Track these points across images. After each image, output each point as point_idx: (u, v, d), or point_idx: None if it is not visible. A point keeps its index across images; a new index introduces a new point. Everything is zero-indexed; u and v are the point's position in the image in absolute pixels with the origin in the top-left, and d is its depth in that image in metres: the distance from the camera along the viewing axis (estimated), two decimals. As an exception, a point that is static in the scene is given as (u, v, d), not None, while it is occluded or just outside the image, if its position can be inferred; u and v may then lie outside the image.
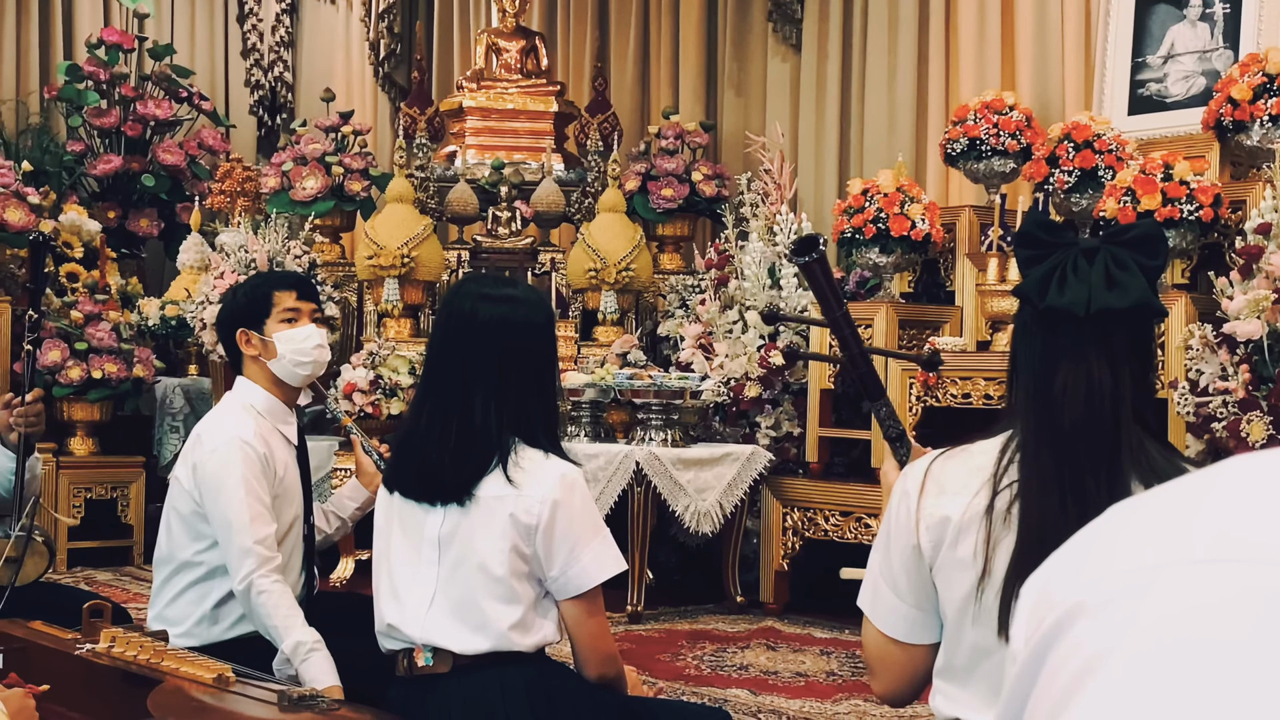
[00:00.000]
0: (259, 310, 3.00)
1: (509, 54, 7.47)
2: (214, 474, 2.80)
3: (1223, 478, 0.55)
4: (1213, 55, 5.46)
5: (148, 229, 7.71)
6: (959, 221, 5.67)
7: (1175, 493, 0.56)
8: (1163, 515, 0.55)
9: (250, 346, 2.99)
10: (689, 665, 4.45)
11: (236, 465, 2.79)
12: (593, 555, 2.34)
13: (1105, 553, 0.55)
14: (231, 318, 3.02)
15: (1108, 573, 0.53)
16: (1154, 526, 0.55)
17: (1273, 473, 0.54)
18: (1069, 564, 0.57)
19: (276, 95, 9.03)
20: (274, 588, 2.73)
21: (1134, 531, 0.55)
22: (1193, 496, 0.55)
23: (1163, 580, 0.51)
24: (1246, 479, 0.54)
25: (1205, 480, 0.56)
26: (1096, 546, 0.56)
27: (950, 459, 1.71)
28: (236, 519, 2.76)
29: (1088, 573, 0.54)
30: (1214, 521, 0.52)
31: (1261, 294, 4.19)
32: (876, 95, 6.87)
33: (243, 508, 2.77)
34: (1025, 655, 0.56)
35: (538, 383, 2.40)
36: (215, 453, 2.81)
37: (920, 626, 1.74)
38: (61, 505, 6.10)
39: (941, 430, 5.01)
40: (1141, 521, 0.55)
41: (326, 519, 3.23)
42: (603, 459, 5.15)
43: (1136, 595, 0.51)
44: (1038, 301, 1.64)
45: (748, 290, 5.85)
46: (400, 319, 6.37)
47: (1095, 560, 0.55)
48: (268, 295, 3.02)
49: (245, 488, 2.78)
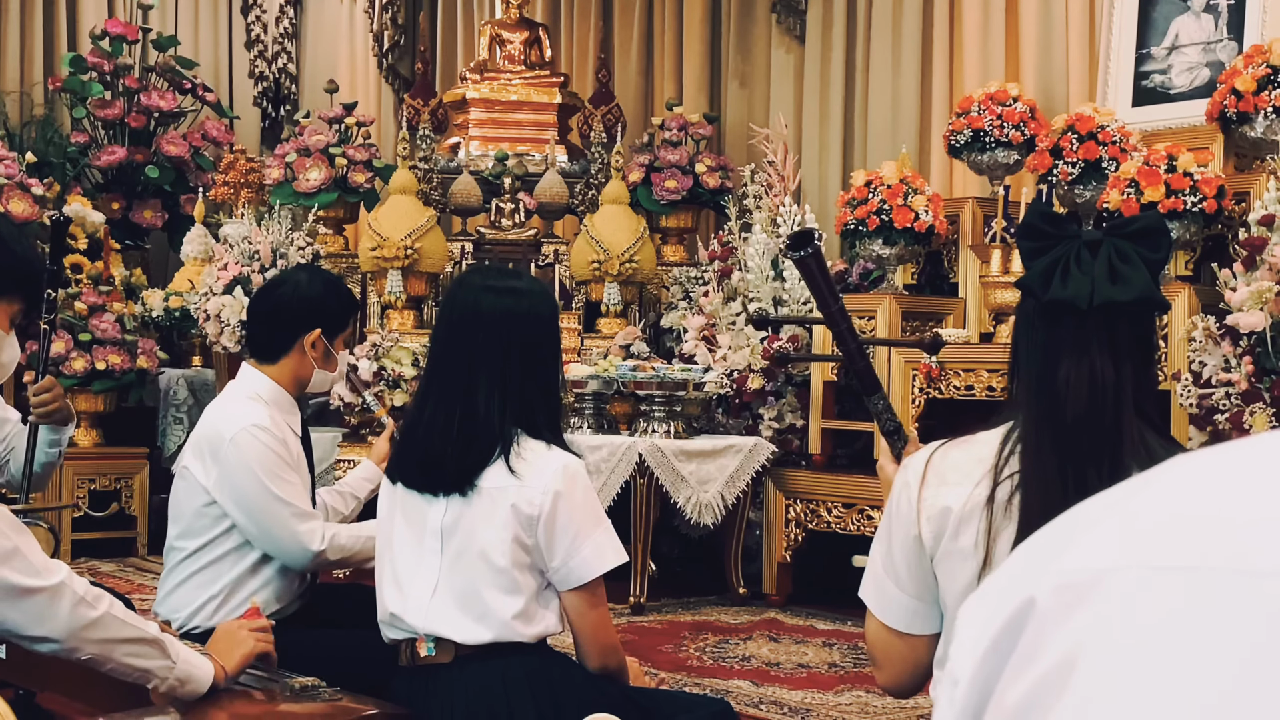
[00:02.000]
0: (341, 324, 3.02)
1: (513, 45, 7.46)
2: (239, 464, 2.80)
3: (1169, 476, 0.53)
4: (1217, 47, 5.45)
5: (151, 220, 7.71)
6: (962, 213, 5.67)
7: (1121, 494, 0.54)
8: (1111, 516, 0.53)
9: (315, 350, 2.96)
10: (691, 656, 4.46)
11: (261, 451, 2.81)
12: (594, 546, 2.34)
13: (1057, 550, 0.52)
14: (315, 314, 2.96)
15: (1061, 570, 0.51)
16: (1103, 528, 0.52)
17: (1219, 470, 0.52)
18: (1023, 565, 0.54)
19: (280, 87, 9.02)
20: (334, 538, 2.85)
21: (1088, 530, 0.53)
22: (1139, 496, 0.53)
23: (1119, 584, 0.48)
24: (1195, 477, 0.52)
25: (1148, 480, 0.54)
26: (1050, 545, 0.54)
27: (951, 450, 1.72)
28: (280, 502, 2.81)
29: (1041, 573, 0.52)
30: (1165, 523, 0.50)
31: (1265, 286, 4.18)
32: (880, 87, 6.87)
33: (282, 490, 2.81)
34: (972, 669, 0.53)
35: (541, 374, 2.41)
36: (236, 442, 2.81)
37: (921, 617, 1.74)
38: (65, 496, 6.11)
39: (944, 422, 5.01)
40: (1093, 520, 0.53)
41: (343, 499, 3.25)
42: (605, 450, 5.16)
43: (1096, 599, 0.49)
44: (1040, 294, 1.64)
45: (751, 282, 5.85)
46: (404, 310, 6.38)
47: (1046, 558, 0.53)
48: (351, 315, 3.06)
49: (276, 471, 2.81)
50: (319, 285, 3.01)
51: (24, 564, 1.95)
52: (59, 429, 3.14)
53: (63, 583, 1.99)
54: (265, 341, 2.99)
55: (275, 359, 2.97)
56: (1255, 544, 0.47)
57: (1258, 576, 0.46)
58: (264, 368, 2.97)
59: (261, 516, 2.81)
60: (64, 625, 1.98)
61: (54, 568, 2.00)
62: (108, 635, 2.03)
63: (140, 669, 2.08)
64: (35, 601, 1.96)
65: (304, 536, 2.83)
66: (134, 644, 2.06)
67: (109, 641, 2.03)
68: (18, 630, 1.98)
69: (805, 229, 2.02)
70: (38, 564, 1.98)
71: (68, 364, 6.10)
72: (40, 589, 1.96)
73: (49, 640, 1.99)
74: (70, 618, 1.98)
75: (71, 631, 1.99)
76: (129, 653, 2.06)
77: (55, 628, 1.98)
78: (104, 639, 2.02)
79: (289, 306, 2.97)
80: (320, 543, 2.84)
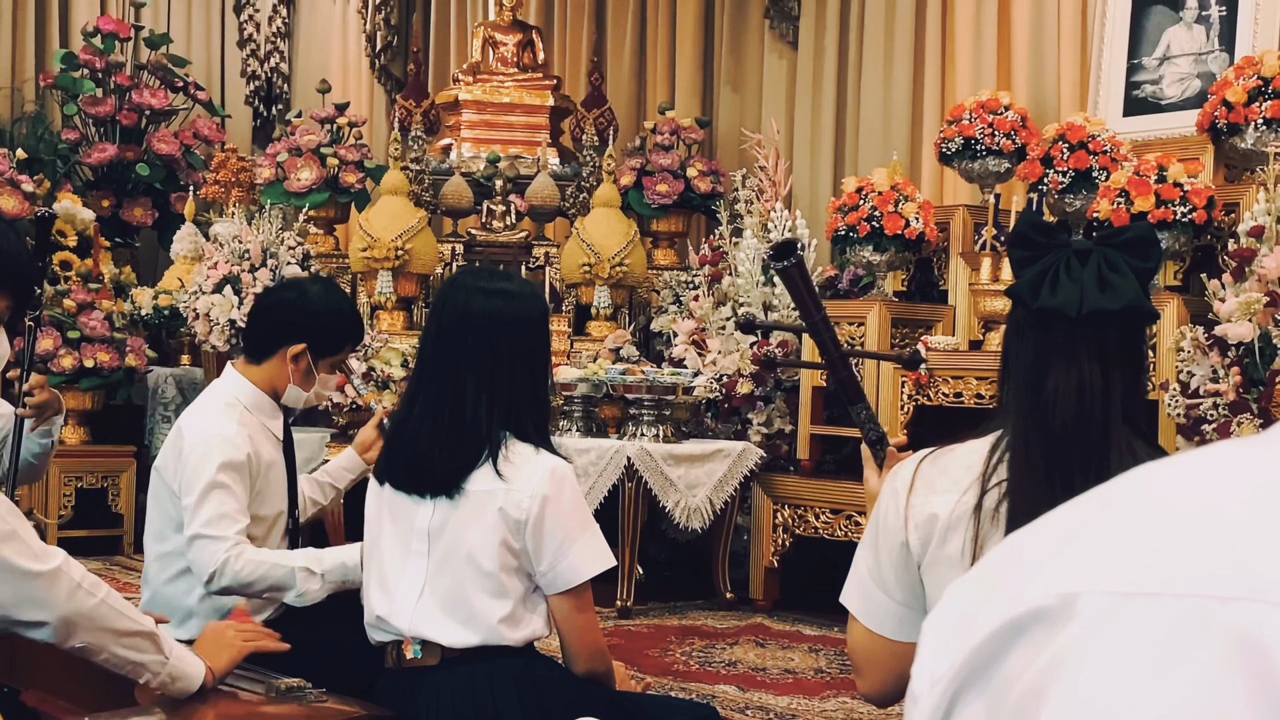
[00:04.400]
0: (332, 347, 2.95)
1: (505, 47, 7.46)
2: (189, 469, 2.77)
3: (1138, 492, 0.52)
4: (1208, 58, 5.47)
5: (142, 218, 7.69)
6: (953, 221, 5.68)
7: (1090, 509, 0.53)
8: (1069, 534, 0.52)
9: (296, 364, 2.91)
10: (678, 661, 4.46)
11: (207, 463, 2.74)
12: (581, 550, 2.34)
13: (1030, 571, 0.52)
14: (306, 327, 2.91)
15: (1031, 596, 0.50)
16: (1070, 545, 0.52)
17: (1184, 488, 0.51)
18: (991, 585, 0.54)
19: (272, 86, 9.02)
20: (232, 558, 2.69)
21: (1058, 552, 0.52)
22: (1109, 513, 0.52)
23: (1087, 610, 0.48)
24: (1162, 495, 0.51)
25: (1107, 497, 0.53)
26: (1024, 564, 0.53)
27: (940, 457, 1.72)
28: (192, 515, 2.72)
29: (1013, 596, 0.51)
30: (1128, 542, 0.50)
31: (1253, 297, 4.20)
32: (872, 93, 6.88)
33: (202, 505, 2.72)
34: (940, 689, 0.53)
35: (530, 377, 2.40)
36: (195, 448, 2.77)
37: (909, 624, 1.74)
38: (52, 494, 6.10)
39: (933, 429, 5.02)
40: (1063, 540, 0.52)
41: (321, 489, 3.22)
42: (594, 454, 5.16)
43: (1065, 626, 0.48)
44: (1030, 302, 1.64)
45: (741, 287, 5.86)
46: (394, 311, 6.37)
47: (1018, 579, 0.52)
48: (347, 341, 2.99)
49: (209, 487, 2.73)
50: (325, 302, 2.96)
51: (22, 547, 1.94)
52: (49, 421, 3.13)
53: (59, 568, 1.98)
54: (255, 341, 2.97)
55: (259, 360, 2.94)
56: (1219, 570, 0.47)
57: (1221, 602, 0.46)
58: (249, 368, 2.94)
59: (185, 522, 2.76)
60: (60, 610, 1.97)
61: (52, 553, 1.99)
62: (104, 624, 2.02)
63: (133, 662, 2.07)
64: (33, 584, 1.95)
65: (199, 555, 2.71)
66: (129, 636, 2.05)
67: (104, 631, 2.02)
68: (12, 614, 1.96)
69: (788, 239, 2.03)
70: (36, 549, 1.97)
71: (55, 361, 6.08)
72: (38, 572, 1.95)
73: (43, 625, 1.97)
74: (67, 603, 1.97)
75: (67, 617, 1.98)
76: (123, 644, 2.04)
77: (51, 612, 1.96)
78: (99, 627, 2.01)
79: (285, 311, 2.94)
80: (210, 566, 2.69)
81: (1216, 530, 0.48)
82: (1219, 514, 0.48)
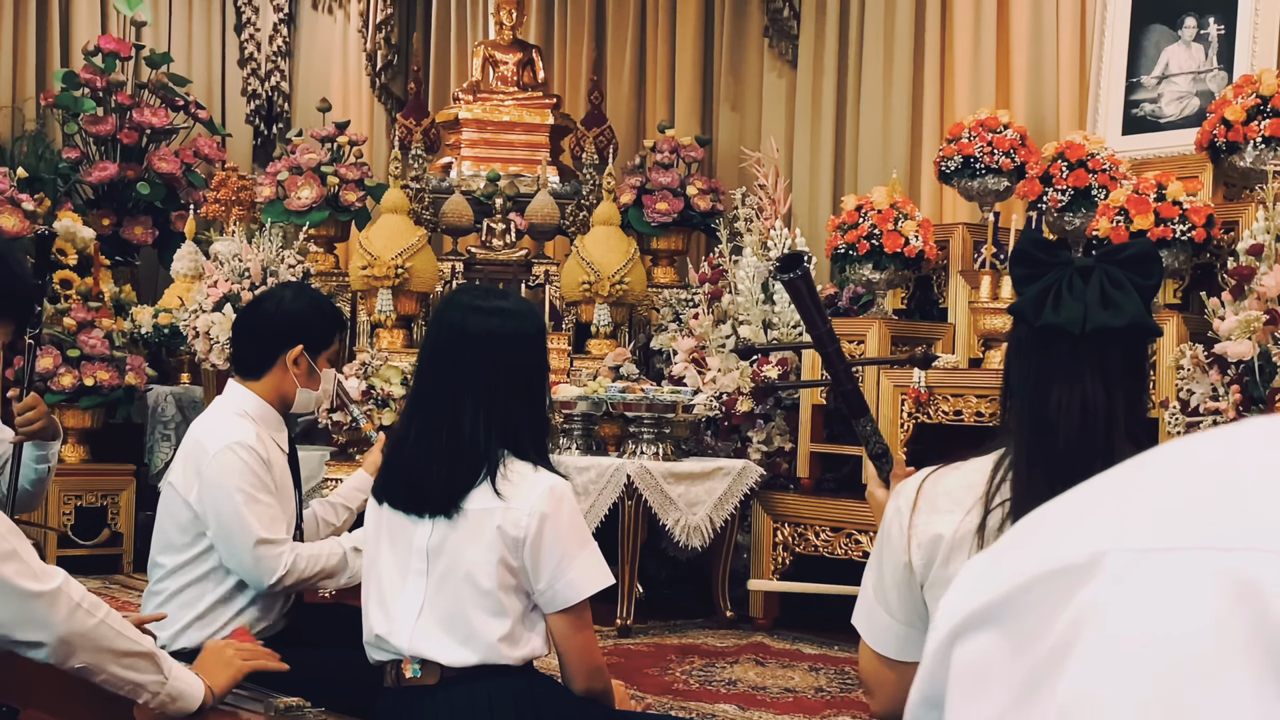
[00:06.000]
0: (324, 341, 3.01)
1: (505, 66, 7.48)
2: (217, 480, 2.80)
3: (1160, 463, 0.57)
4: (1207, 76, 5.48)
5: (142, 237, 7.70)
6: (952, 239, 5.68)
7: (1120, 479, 0.58)
8: (1101, 499, 0.58)
9: (298, 367, 2.96)
10: (677, 680, 4.44)
11: (241, 470, 2.79)
12: (580, 569, 2.33)
13: (1062, 531, 0.57)
14: (297, 330, 2.96)
15: (1063, 554, 0.56)
16: (1093, 510, 0.57)
17: (1208, 454, 0.56)
18: (1022, 541, 0.59)
19: (273, 104, 9.03)
20: (297, 557, 2.84)
21: (1087, 515, 0.57)
22: (1135, 481, 0.57)
23: (1111, 566, 0.53)
24: (1181, 465, 0.56)
25: (1144, 464, 0.58)
26: (1055, 525, 0.58)
27: (943, 476, 1.71)
28: (246, 524, 2.79)
29: (1047, 553, 0.56)
30: (1151, 504, 0.55)
31: (1253, 315, 4.20)
32: (871, 112, 6.89)
33: (252, 512, 2.79)
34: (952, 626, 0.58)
35: (527, 395, 2.39)
36: (218, 459, 2.81)
37: (911, 644, 1.73)
38: (51, 512, 6.08)
39: (933, 447, 5.01)
40: (1093, 504, 0.58)
41: (334, 510, 3.26)
42: (594, 472, 5.15)
43: (1091, 581, 0.54)
44: (1033, 320, 1.64)
45: (741, 305, 5.86)
46: (393, 329, 6.37)
47: (1052, 538, 0.57)
48: (335, 332, 3.05)
49: (251, 492, 2.80)
50: (303, 302, 3.02)
51: (22, 566, 1.94)
52: (45, 445, 3.12)
53: (60, 588, 1.97)
54: (248, 358, 3.00)
55: (259, 375, 2.97)
56: (1225, 523, 0.52)
57: (1225, 552, 0.51)
58: (249, 384, 2.97)
59: (229, 535, 2.81)
60: (60, 630, 1.96)
61: (52, 573, 1.99)
62: (103, 644, 2.01)
63: (133, 682, 2.06)
64: (33, 604, 1.94)
65: (264, 561, 2.82)
66: (128, 656, 2.05)
67: (104, 651, 2.01)
68: (11, 634, 1.96)
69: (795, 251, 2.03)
70: (36, 568, 1.96)
71: (56, 380, 6.08)
72: (39, 592, 1.94)
73: (42, 645, 1.97)
74: (67, 623, 1.97)
75: (66, 637, 1.97)
76: (123, 664, 2.04)
77: (50, 632, 1.96)
78: (99, 648, 2.01)
79: (271, 322, 2.98)
80: (278, 571, 2.83)
81: (1229, 488, 0.53)
82: (1234, 472, 0.54)
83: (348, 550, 2.92)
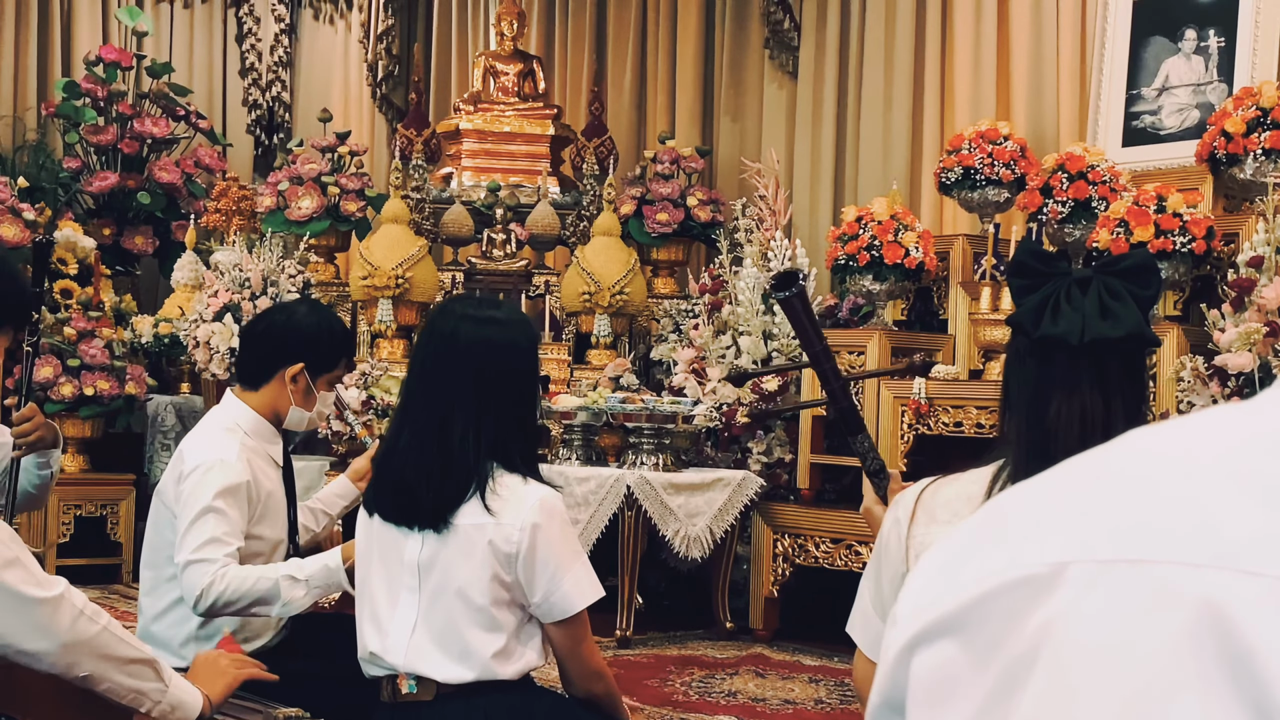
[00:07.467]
0: (328, 364, 2.96)
1: (506, 77, 7.49)
2: (189, 493, 2.75)
3: (1118, 457, 0.55)
4: (1207, 88, 5.49)
5: (143, 246, 7.70)
6: (952, 250, 5.68)
7: (1070, 478, 0.56)
8: (1061, 501, 0.56)
9: (295, 385, 2.92)
10: (677, 691, 4.43)
11: (208, 488, 2.73)
12: (574, 581, 2.32)
13: (1021, 537, 0.55)
14: (301, 347, 2.92)
15: (1026, 562, 0.54)
16: (1053, 514, 0.55)
17: (1169, 450, 0.54)
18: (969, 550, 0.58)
19: (274, 115, 9.03)
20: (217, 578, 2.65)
21: (1044, 520, 0.55)
22: (1087, 482, 0.55)
23: (1073, 577, 0.52)
24: (1143, 459, 0.55)
25: (1103, 459, 0.56)
26: (1013, 530, 0.56)
27: (942, 487, 1.71)
28: (184, 541, 2.69)
29: (1008, 561, 0.54)
30: (1113, 509, 0.53)
31: (1253, 327, 4.20)
32: (872, 123, 6.90)
33: (195, 529, 2.69)
34: (913, 631, 0.56)
35: (517, 406, 2.37)
36: (194, 473, 2.76)
37: (909, 654, 1.73)
38: (51, 522, 6.08)
39: (933, 458, 5.01)
40: (1050, 510, 0.56)
41: (314, 516, 3.21)
42: (594, 482, 5.15)
43: (1054, 593, 0.52)
44: (1031, 330, 1.64)
45: (741, 315, 5.86)
46: (394, 339, 6.37)
47: (1011, 543, 0.55)
48: (340, 356, 3.01)
49: (213, 505, 2.71)
50: (314, 320, 2.98)
51: (25, 574, 1.94)
52: (46, 453, 3.11)
53: (62, 595, 1.97)
54: (250, 366, 2.97)
55: (256, 386, 2.93)
56: (1191, 535, 0.50)
57: (1193, 569, 0.49)
58: (247, 395, 2.94)
59: (177, 538, 2.74)
60: (63, 637, 1.96)
61: (54, 581, 1.99)
62: (106, 652, 2.01)
63: (136, 690, 2.06)
64: (36, 611, 1.94)
65: (188, 579, 2.67)
66: (131, 663, 2.04)
67: (106, 658, 2.01)
68: (15, 643, 1.95)
69: (790, 269, 2.04)
70: (38, 576, 1.96)
71: (56, 389, 6.08)
72: (41, 599, 1.94)
73: (44, 654, 1.97)
74: (70, 630, 1.96)
75: (69, 644, 1.97)
76: (126, 672, 2.03)
77: (53, 640, 1.95)
78: (102, 655, 2.00)
79: (278, 334, 2.94)
80: (197, 588, 2.65)
81: (1191, 491, 0.51)
82: (1195, 473, 0.52)
83: (280, 578, 2.68)
